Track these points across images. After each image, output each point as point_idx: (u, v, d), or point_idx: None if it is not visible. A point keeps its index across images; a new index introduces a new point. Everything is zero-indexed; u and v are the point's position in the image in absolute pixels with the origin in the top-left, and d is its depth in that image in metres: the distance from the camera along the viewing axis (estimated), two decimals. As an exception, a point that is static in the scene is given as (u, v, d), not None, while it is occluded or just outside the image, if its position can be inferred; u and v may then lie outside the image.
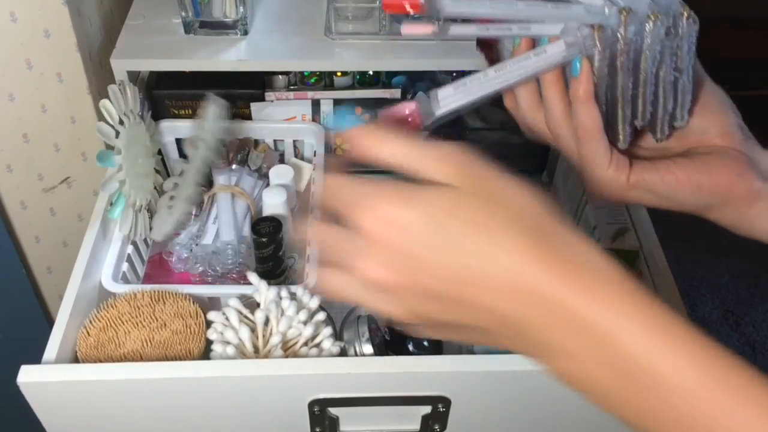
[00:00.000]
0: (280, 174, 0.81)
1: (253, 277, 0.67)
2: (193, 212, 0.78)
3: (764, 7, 2.23)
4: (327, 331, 0.65)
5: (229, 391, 0.60)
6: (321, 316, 0.66)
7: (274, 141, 0.89)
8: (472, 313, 0.37)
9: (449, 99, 0.48)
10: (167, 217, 0.76)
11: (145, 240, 0.80)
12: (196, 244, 0.77)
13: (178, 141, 0.88)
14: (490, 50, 0.55)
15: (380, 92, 0.92)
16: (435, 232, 0.36)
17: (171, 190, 0.79)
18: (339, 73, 0.96)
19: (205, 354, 0.66)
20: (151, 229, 0.77)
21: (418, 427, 0.66)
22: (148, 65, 0.87)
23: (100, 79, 0.88)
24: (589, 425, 0.68)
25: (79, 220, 0.97)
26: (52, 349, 0.63)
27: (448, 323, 0.39)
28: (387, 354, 0.71)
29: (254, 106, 0.89)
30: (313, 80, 0.97)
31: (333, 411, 0.63)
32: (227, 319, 0.65)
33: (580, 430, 0.69)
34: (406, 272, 0.37)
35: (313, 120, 0.90)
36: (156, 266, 0.80)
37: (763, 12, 2.23)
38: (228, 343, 0.63)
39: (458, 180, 0.38)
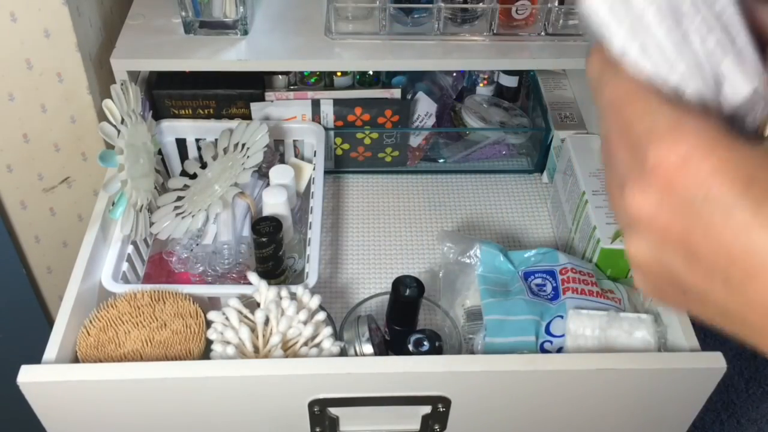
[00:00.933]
0: (280, 174, 0.81)
1: (253, 277, 0.67)
2: (212, 221, 0.78)
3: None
4: (327, 331, 0.65)
5: (229, 391, 0.60)
6: (321, 316, 0.66)
7: (275, 141, 0.89)
8: (733, 297, 0.31)
9: None
10: (179, 221, 0.76)
11: (145, 240, 0.80)
12: (197, 244, 0.77)
13: (179, 141, 0.88)
14: None
15: (380, 92, 0.92)
16: (732, 193, 0.29)
17: (179, 190, 0.80)
18: (339, 73, 0.96)
19: (205, 354, 0.66)
20: (151, 224, 0.77)
21: (418, 427, 0.66)
22: (148, 65, 0.87)
23: (100, 79, 0.88)
24: (589, 425, 0.68)
25: (79, 220, 0.97)
26: (52, 349, 0.63)
27: (688, 289, 0.33)
28: (387, 354, 0.71)
29: (254, 106, 0.89)
30: (313, 80, 0.97)
31: (333, 411, 0.63)
32: (227, 319, 0.65)
33: (579, 429, 0.69)
34: (675, 219, 0.31)
35: (313, 120, 0.90)
36: (156, 266, 0.80)
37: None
38: (228, 343, 0.63)
39: None
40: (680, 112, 0.30)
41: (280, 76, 0.95)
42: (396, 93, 0.92)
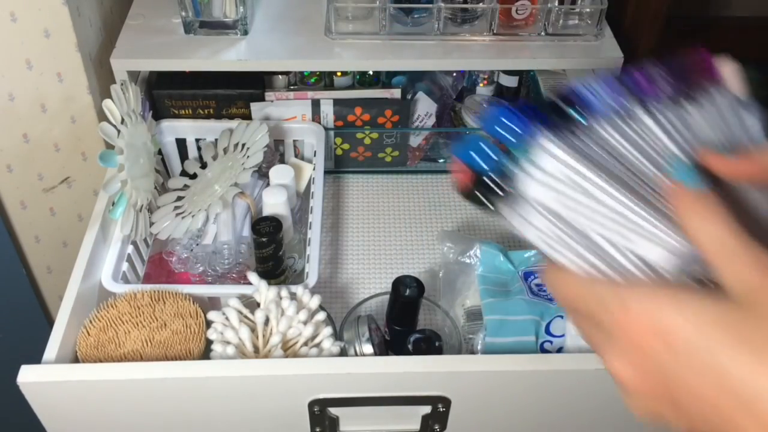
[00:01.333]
0: (280, 174, 0.80)
1: (253, 277, 0.67)
2: (212, 221, 0.78)
3: (765, 8, 2.23)
4: (327, 331, 0.65)
5: (229, 391, 0.60)
6: (321, 316, 0.66)
7: (275, 141, 0.89)
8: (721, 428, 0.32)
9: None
10: (179, 221, 0.76)
11: (145, 240, 0.80)
12: (197, 244, 0.77)
13: (179, 141, 0.88)
14: None
15: (380, 92, 0.92)
16: (699, 347, 0.32)
17: (179, 190, 0.80)
18: (339, 73, 0.96)
19: (205, 354, 0.66)
20: (151, 224, 0.77)
21: (418, 427, 0.66)
22: (148, 65, 0.87)
23: (100, 79, 0.88)
24: (589, 425, 0.68)
25: (79, 220, 0.97)
26: (52, 349, 0.63)
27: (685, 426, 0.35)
28: (387, 354, 0.71)
29: (254, 106, 0.89)
30: (313, 80, 0.97)
31: (333, 411, 0.63)
32: (227, 319, 0.65)
33: (579, 429, 0.69)
34: (653, 380, 0.34)
35: (313, 120, 0.90)
36: (156, 266, 0.80)
37: (764, 12, 2.23)
38: (228, 343, 0.63)
39: (750, 293, 0.32)
40: (618, 285, 0.35)
41: (280, 76, 0.95)
42: (396, 93, 0.92)
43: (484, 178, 0.40)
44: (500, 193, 0.39)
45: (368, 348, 0.68)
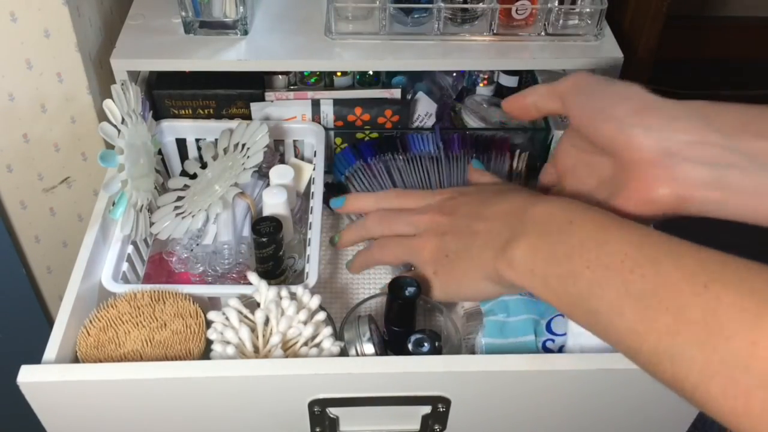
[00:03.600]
0: (280, 174, 0.80)
1: (253, 277, 0.67)
2: (212, 221, 0.78)
3: (764, 8, 2.23)
4: (327, 331, 0.65)
5: (229, 391, 0.60)
6: (321, 316, 0.66)
7: (275, 141, 0.89)
8: (486, 219, 0.56)
9: None
10: (179, 221, 0.76)
11: (145, 240, 0.80)
12: (197, 244, 0.77)
13: (179, 141, 0.88)
14: None
15: (380, 92, 0.92)
16: (470, 194, 0.61)
17: (179, 190, 0.79)
18: (339, 73, 0.96)
19: (205, 354, 0.66)
20: (151, 224, 0.77)
21: (418, 427, 0.66)
22: (148, 65, 0.87)
23: (100, 79, 0.88)
24: (589, 425, 0.68)
25: (79, 220, 0.97)
26: (52, 349, 0.63)
27: (460, 249, 0.58)
28: (387, 354, 0.71)
29: (254, 106, 0.89)
30: (313, 80, 0.97)
31: (333, 411, 0.63)
32: (227, 319, 0.65)
33: (579, 429, 0.69)
34: (454, 210, 0.60)
35: (313, 120, 0.90)
36: (156, 266, 0.80)
37: (764, 12, 2.23)
38: (228, 343, 0.63)
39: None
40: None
41: (280, 76, 0.95)
42: (396, 93, 0.92)
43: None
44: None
45: (370, 348, 0.68)
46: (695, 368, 0.40)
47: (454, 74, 1.00)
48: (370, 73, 0.97)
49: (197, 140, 0.87)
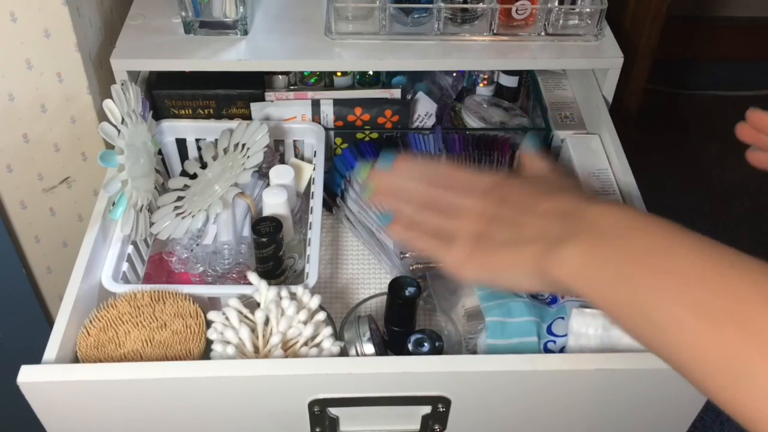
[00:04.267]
0: (280, 174, 0.80)
1: (253, 277, 0.67)
2: (212, 221, 0.78)
3: (764, 8, 2.23)
4: (327, 331, 0.65)
5: (229, 391, 0.60)
6: (321, 316, 0.66)
7: (275, 141, 0.89)
8: (537, 214, 0.53)
9: None
10: (179, 221, 0.76)
11: (145, 240, 0.80)
12: (197, 244, 0.77)
13: (179, 141, 0.88)
14: None
15: (380, 92, 0.92)
16: (523, 184, 0.57)
17: (179, 190, 0.79)
18: (339, 73, 0.96)
19: (205, 354, 0.66)
20: (151, 224, 0.77)
21: (418, 427, 0.66)
22: (148, 65, 0.87)
23: (100, 79, 0.88)
24: (589, 425, 0.68)
25: (79, 220, 0.97)
26: (52, 349, 0.63)
27: (505, 238, 0.54)
28: (387, 354, 0.71)
29: (254, 106, 0.89)
30: (313, 80, 0.97)
31: (333, 411, 0.63)
32: (227, 319, 0.65)
33: (579, 429, 0.69)
34: (503, 199, 0.55)
35: (313, 120, 0.90)
36: (156, 266, 0.80)
37: (764, 12, 2.23)
38: (228, 343, 0.63)
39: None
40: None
41: (280, 76, 0.95)
42: (396, 93, 0.92)
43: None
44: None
45: (370, 348, 0.68)
46: (764, 391, 0.37)
47: (454, 74, 1.00)
48: (370, 73, 0.97)
49: (197, 140, 0.87)
